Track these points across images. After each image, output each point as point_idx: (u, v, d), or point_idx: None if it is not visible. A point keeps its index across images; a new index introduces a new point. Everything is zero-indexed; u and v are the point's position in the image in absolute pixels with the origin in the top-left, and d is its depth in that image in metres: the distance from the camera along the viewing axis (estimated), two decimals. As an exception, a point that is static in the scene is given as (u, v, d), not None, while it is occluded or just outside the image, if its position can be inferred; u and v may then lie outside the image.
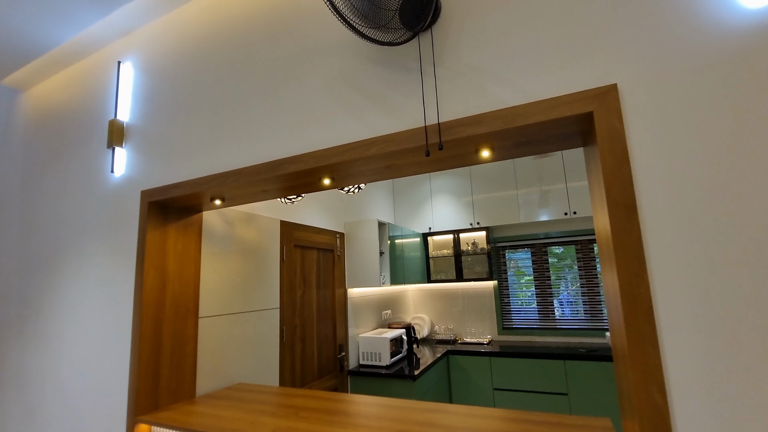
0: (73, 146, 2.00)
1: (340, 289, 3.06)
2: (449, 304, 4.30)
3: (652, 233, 0.83)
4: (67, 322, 1.84)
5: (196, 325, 1.77)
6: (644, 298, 0.81)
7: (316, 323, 2.74)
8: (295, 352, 2.49)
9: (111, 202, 1.78)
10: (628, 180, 0.85)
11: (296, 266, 2.60)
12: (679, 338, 0.79)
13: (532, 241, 4.04)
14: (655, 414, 0.78)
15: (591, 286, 3.82)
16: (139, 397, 1.51)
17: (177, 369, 1.66)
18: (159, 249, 1.64)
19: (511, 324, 4.07)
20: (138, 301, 1.56)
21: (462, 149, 1.10)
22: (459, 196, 4.08)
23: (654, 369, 0.79)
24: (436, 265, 4.30)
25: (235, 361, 1.97)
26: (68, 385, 1.77)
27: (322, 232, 2.92)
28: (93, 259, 1.79)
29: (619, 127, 0.87)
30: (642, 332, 0.80)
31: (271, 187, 1.46)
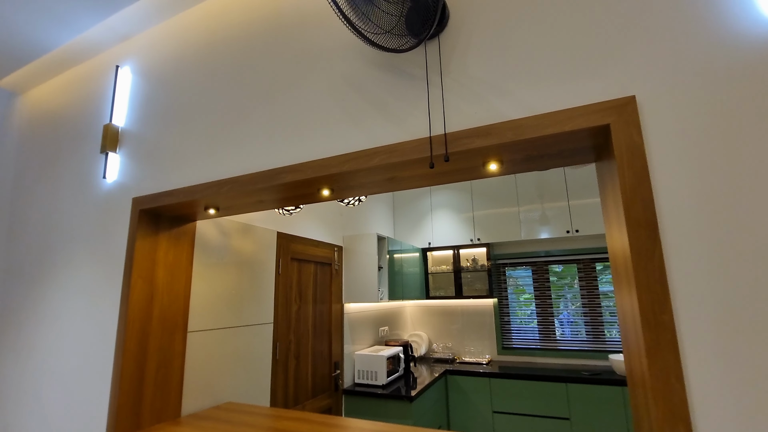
0: (66, 150, 1.95)
1: (336, 304, 2.97)
2: (448, 321, 4.19)
3: (676, 256, 0.77)
4: (50, 333, 1.75)
5: (185, 340, 1.69)
6: (668, 326, 0.74)
7: (312, 339, 2.65)
8: (289, 370, 2.39)
9: (101, 209, 1.72)
10: (648, 197, 0.80)
11: (292, 280, 2.52)
12: (708, 372, 0.72)
13: (533, 258, 3.97)
14: (682, 456, 0.70)
15: (593, 306, 3.74)
16: (120, 417, 1.42)
17: (162, 387, 1.57)
18: (148, 259, 1.57)
19: (511, 344, 3.96)
20: (123, 314, 1.48)
21: (469, 162, 1.05)
22: (460, 211, 4.02)
23: (680, 405, 0.72)
24: (435, 282, 4.21)
25: (225, 379, 1.88)
26: (47, 401, 1.68)
27: (320, 245, 2.85)
28: (80, 267, 1.72)
29: (638, 140, 0.82)
30: (666, 364, 0.73)
31: (267, 197, 1.40)
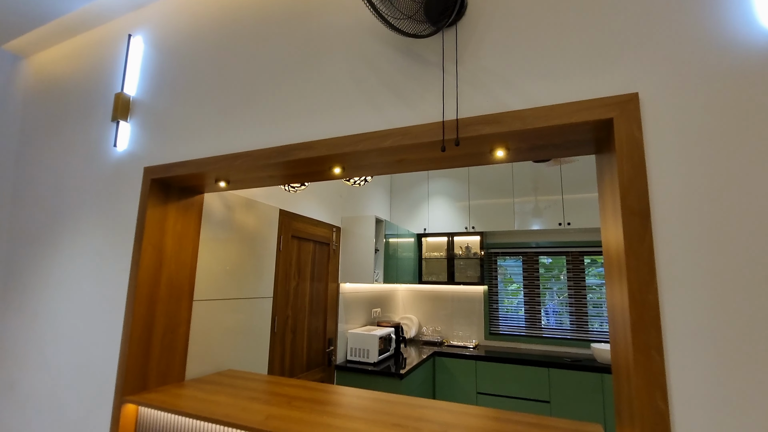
0: (75, 118, 1.96)
1: (333, 283, 3.04)
2: (438, 306, 4.31)
3: (664, 242, 0.84)
4: (57, 295, 1.79)
5: (190, 307, 1.75)
6: (653, 305, 0.82)
7: (308, 316, 2.73)
8: (285, 343, 2.47)
9: (111, 177, 1.75)
10: (643, 189, 0.86)
11: (292, 257, 2.58)
12: (685, 346, 0.80)
13: (524, 249, 4.08)
14: (657, 420, 0.79)
15: (578, 297, 3.87)
16: (128, 377, 1.48)
17: (168, 351, 1.64)
18: (158, 228, 1.61)
19: (498, 330, 4.10)
20: (134, 279, 1.53)
21: (477, 148, 1.11)
22: (456, 199, 4.10)
23: (658, 375, 0.80)
24: (429, 267, 4.31)
25: (226, 347, 1.95)
26: (54, 361, 1.73)
27: (320, 224, 2.91)
28: (88, 233, 1.76)
29: (638, 135, 0.88)
30: (648, 338, 0.82)
31: (279, 172, 1.44)
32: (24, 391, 1.81)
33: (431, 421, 1.25)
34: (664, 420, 0.79)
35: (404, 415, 1.31)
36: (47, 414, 1.70)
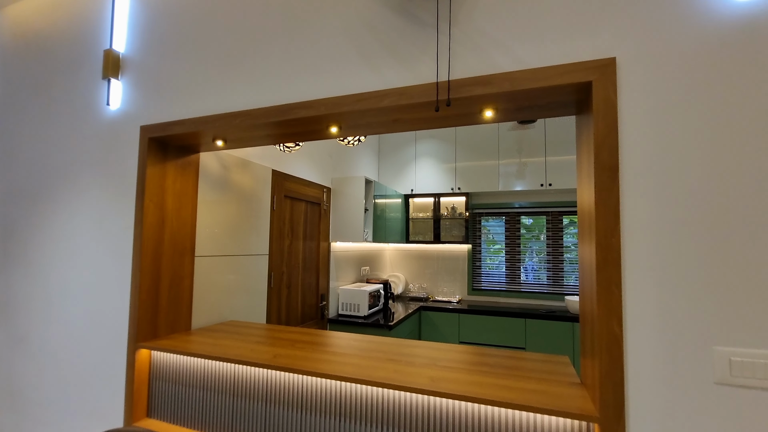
0: (61, 75, 1.92)
1: (324, 242, 3.16)
2: (424, 264, 4.51)
3: (629, 193, 0.96)
4: (61, 251, 1.85)
5: (193, 263, 1.84)
6: (615, 248, 0.96)
7: (301, 272, 2.85)
8: (282, 297, 2.61)
9: (106, 136, 1.76)
10: (614, 146, 0.97)
11: (285, 216, 2.66)
12: (639, 281, 0.95)
13: (507, 209, 4.25)
14: (612, 342, 0.95)
15: (555, 255, 4.11)
16: (140, 326, 1.59)
17: (174, 302, 1.74)
18: (158, 186, 1.66)
19: (480, 286, 4.34)
20: (138, 235, 1.60)
21: (468, 108, 1.19)
22: (443, 161, 4.18)
23: (616, 306, 0.95)
24: (415, 227, 4.46)
25: (227, 301, 2.07)
26: (63, 313, 1.82)
27: (311, 185, 2.97)
28: (86, 191, 1.79)
29: (613, 98, 0.98)
30: (610, 276, 0.96)
31: (277, 131, 1.49)
32: (35, 343, 1.91)
33: (420, 356, 1.42)
34: (618, 342, 0.94)
35: (396, 352, 1.47)
36: (61, 363, 1.81)
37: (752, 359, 0.86)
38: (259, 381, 1.41)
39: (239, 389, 1.44)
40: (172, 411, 1.56)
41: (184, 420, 1.54)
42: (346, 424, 1.27)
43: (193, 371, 1.54)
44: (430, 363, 1.34)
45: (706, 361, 0.89)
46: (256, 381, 1.42)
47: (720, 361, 0.88)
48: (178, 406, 1.55)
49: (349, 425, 1.26)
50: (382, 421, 1.22)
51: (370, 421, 1.24)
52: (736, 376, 0.87)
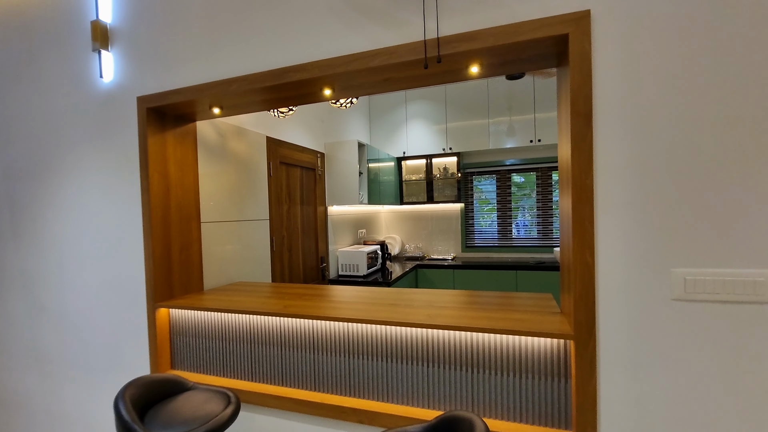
0: (48, 49, 1.92)
1: (321, 206, 3.25)
2: (419, 225, 4.65)
3: (601, 138, 1.06)
4: (69, 224, 1.93)
5: (199, 228, 1.93)
6: (588, 188, 1.07)
7: (301, 236, 2.97)
8: (284, 260, 2.74)
9: (103, 108, 1.79)
10: (589, 95, 1.06)
11: (282, 182, 2.74)
12: (608, 217, 1.06)
13: (498, 167, 4.35)
14: (585, 271, 1.08)
15: (545, 209, 4.26)
16: (157, 288, 1.70)
17: (186, 266, 1.85)
18: (160, 155, 1.72)
19: (474, 243, 4.51)
20: (147, 204, 1.68)
21: (455, 64, 1.25)
22: (434, 122, 4.22)
23: (588, 238, 1.07)
24: (409, 189, 4.56)
25: (234, 264, 2.19)
26: (80, 282, 1.92)
27: (305, 151, 3.03)
28: (90, 164, 1.85)
29: (587, 48, 1.05)
30: (584, 212, 1.07)
31: (272, 96, 1.55)
32: (55, 311, 2.03)
33: (418, 300, 1.56)
34: (590, 270, 1.07)
35: (396, 299, 1.61)
36: (83, 327, 1.94)
37: (703, 277, 1.00)
38: (272, 328, 1.55)
39: (254, 337, 1.59)
40: (194, 361, 1.71)
41: (206, 368, 1.69)
42: (353, 360, 1.42)
43: (211, 325, 1.67)
44: (427, 305, 1.48)
45: (665, 282, 1.03)
46: (269, 329, 1.56)
47: (676, 280, 1.02)
48: (199, 356, 1.70)
49: (356, 361, 1.42)
50: (385, 355, 1.37)
51: (374, 355, 1.39)
52: (690, 292, 1.01)
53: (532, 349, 1.19)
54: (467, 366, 1.27)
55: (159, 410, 1.27)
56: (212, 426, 1.19)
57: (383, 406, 1.37)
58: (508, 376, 1.22)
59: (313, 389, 1.49)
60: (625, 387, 1.07)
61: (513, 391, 1.22)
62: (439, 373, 1.30)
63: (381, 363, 1.38)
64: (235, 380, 1.63)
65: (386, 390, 1.38)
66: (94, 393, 1.93)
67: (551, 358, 1.17)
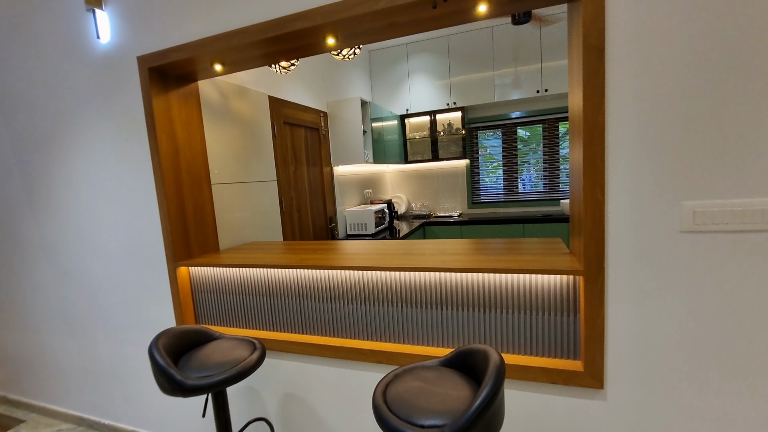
0: (40, 11, 1.86)
1: (327, 167, 3.25)
2: (424, 184, 4.65)
3: (613, 72, 1.04)
4: (84, 190, 1.96)
5: (210, 190, 1.96)
6: (600, 125, 1.06)
7: (309, 198, 3.00)
8: (294, 221, 2.79)
9: (102, 71, 1.77)
10: (601, 28, 1.03)
11: (287, 143, 2.72)
12: (619, 153, 1.07)
13: (503, 121, 4.27)
14: (596, 207, 1.10)
15: (552, 162, 4.22)
16: (175, 248, 1.76)
17: (200, 226, 1.89)
18: (166, 117, 1.72)
19: (480, 199, 4.53)
20: (158, 166, 1.70)
21: (463, 3, 1.21)
22: (437, 77, 4.10)
23: (599, 176, 1.08)
24: (413, 147, 4.51)
25: (246, 225, 2.23)
26: (100, 246, 1.99)
27: (308, 110, 2.99)
28: (97, 129, 1.85)
29: (601, -23, 1.01)
30: (595, 151, 1.08)
31: (273, 48, 1.51)
32: (79, 276, 2.11)
33: (429, 250, 1.60)
34: (600, 207, 1.09)
35: (408, 249, 1.66)
36: (107, 289, 2.02)
37: (712, 209, 1.01)
38: (290, 281, 1.61)
39: (274, 290, 1.65)
40: (217, 315, 1.80)
41: (229, 322, 1.78)
42: (370, 307, 1.49)
43: (231, 281, 1.74)
44: (439, 252, 1.52)
45: (674, 215, 1.05)
46: (287, 282, 1.62)
47: (686, 213, 1.03)
48: (222, 311, 1.78)
49: (373, 308, 1.48)
50: (400, 300, 1.43)
51: (390, 302, 1.45)
52: (699, 224, 1.03)
53: (542, 286, 1.24)
54: (480, 307, 1.32)
55: (190, 357, 1.36)
56: (242, 368, 1.28)
57: (400, 347, 1.45)
58: (519, 313, 1.28)
59: (333, 336, 1.58)
60: (632, 318, 1.12)
61: (524, 328, 1.28)
62: (453, 315, 1.36)
63: (397, 308, 1.45)
64: (257, 331, 1.71)
65: (402, 333, 1.45)
66: (127, 350, 2.05)
67: (561, 294, 1.22)
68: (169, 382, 1.20)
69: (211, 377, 1.22)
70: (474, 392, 1.01)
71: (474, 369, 1.08)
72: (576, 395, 1.22)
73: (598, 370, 1.16)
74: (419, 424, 0.92)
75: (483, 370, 1.00)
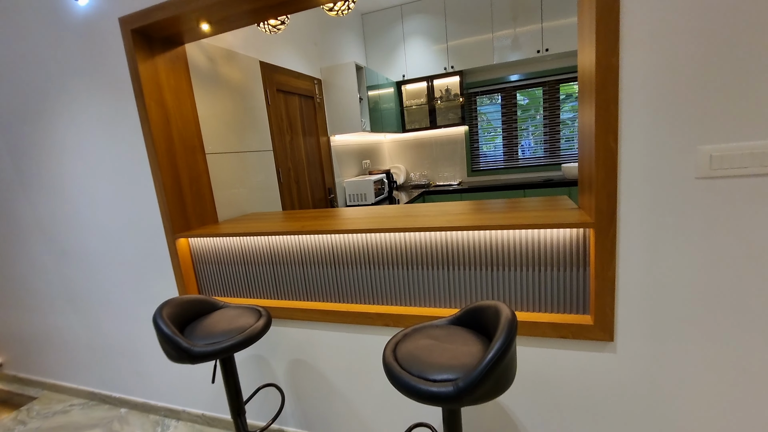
0: (10, -29, 1.74)
1: (323, 137, 3.17)
2: (423, 153, 4.57)
3: (628, 12, 0.98)
4: (76, 165, 1.90)
5: (205, 160, 1.90)
6: (614, 68, 1.00)
7: (307, 168, 2.93)
8: (293, 192, 2.74)
9: (84, 36, 1.67)
10: (617, -41, 0.95)
11: (281, 111, 2.64)
12: (634, 98, 1.01)
13: (502, 84, 4.15)
14: (609, 156, 1.05)
15: (552, 125, 4.14)
16: (174, 219, 1.72)
17: (198, 197, 1.85)
18: (154, 83, 1.64)
19: (479, 166, 4.46)
20: (149, 135, 1.63)
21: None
22: (433, 41, 3.95)
23: (612, 122, 1.03)
24: (411, 116, 4.40)
25: (245, 196, 2.18)
26: (97, 222, 1.94)
27: (301, 77, 2.88)
28: (84, 100, 1.77)
29: None
30: (608, 96, 1.02)
31: (262, 2, 1.42)
32: (78, 253, 2.08)
33: (433, 212, 1.57)
34: (613, 155, 1.05)
35: (410, 212, 1.62)
36: (107, 265, 2.00)
37: (730, 152, 0.97)
38: (293, 248, 1.59)
39: (276, 258, 1.63)
40: (221, 286, 1.78)
41: (232, 292, 1.76)
42: (375, 271, 1.47)
43: (232, 251, 1.71)
44: (442, 214, 1.49)
45: (690, 161, 1.01)
46: (290, 249, 1.59)
47: (702, 158, 0.99)
48: (225, 281, 1.76)
49: (378, 271, 1.46)
50: (406, 263, 1.41)
51: (395, 264, 1.43)
52: (715, 168, 0.99)
53: (551, 242, 1.21)
54: (487, 265, 1.30)
55: (195, 326, 1.34)
56: (248, 335, 1.27)
57: (407, 309, 1.44)
58: (527, 270, 1.26)
59: (338, 302, 1.56)
60: (644, 270, 1.10)
61: (532, 284, 1.27)
62: (459, 275, 1.35)
63: (402, 271, 1.43)
64: (262, 300, 1.70)
65: (409, 295, 1.44)
66: (132, 325, 2.05)
67: (570, 249, 1.20)
68: (175, 350, 1.19)
69: (218, 344, 1.21)
70: (485, 348, 1.00)
71: (484, 325, 1.06)
72: (586, 349, 1.22)
73: (608, 322, 1.15)
74: (431, 378, 0.91)
75: (494, 325, 0.98)
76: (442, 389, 0.86)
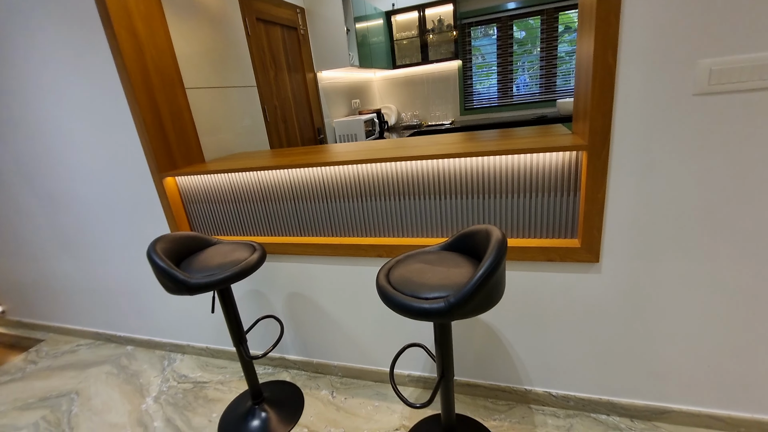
0: None
1: (309, 73, 3.02)
2: (414, 91, 4.40)
3: None
4: (49, 106, 1.80)
5: (185, 95, 1.80)
6: None
7: (294, 107, 2.82)
8: (280, 132, 2.65)
9: (35, -47, 1.50)
10: None
11: (263, 43, 2.47)
12: (635, 10, 0.95)
13: (498, 14, 3.90)
14: (606, 73, 1.02)
15: (549, 59, 3.97)
16: (158, 158, 1.67)
17: (181, 136, 1.78)
18: (122, 8, 1.50)
19: (473, 105, 4.34)
20: (122, 66, 1.53)
21: None
22: (424, -38, 3.63)
23: (612, 36, 0.98)
24: (401, 50, 4.18)
25: (231, 135, 2.11)
26: (79, 164, 1.88)
27: (282, 4, 2.67)
28: (49, 33, 1.63)
29: None
30: (609, 6, 0.96)
31: None
32: (64, 198, 2.04)
33: (424, 143, 1.54)
34: (611, 72, 1.01)
35: (402, 145, 1.59)
36: (95, 209, 1.97)
37: (731, 66, 0.94)
38: (283, 183, 1.57)
39: (267, 195, 1.61)
40: (213, 225, 1.78)
41: (225, 230, 1.77)
42: (367, 203, 1.47)
43: (222, 189, 1.69)
44: (433, 144, 1.46)
45: (688, 76, 0.97)
46: (280, 184, 1.58)
47: (701, 73, 0.96)
48: (217, 219, 1.76)
49: (370, 203, 1.46)
50: (397, 193, 1.41)
51: (386, 195, 1.42)
52: (714, 84, 0.96)
53: (542, 167, 1.20)
54: (478, 193, 1.30)
55: (191, 261, 1.36)
56: (244, 267, 1.29)
57: (400, 240, 1.46)
58: (518, 197, 1.27)
59: (332, 235, 1.58)
60: (634, 191, 1.11)
61: (523, 211, 1.28)
62: (451, 204, 1.35)
63: (394, 202, 1.43)
64: (255, 237, 1.71)
65: (401, 226, 1.46)
66: (128, 266, 2.07)
67: (561, 174, 1.19)
68: (172, 282, 1.21)
69: (214, 275, 1.23)
70: (475, 268, 1.03)
71: (475, 249, 1.09)
72: (572, 270, 1.26)
73: (595, 244, 1.18)
74: (423, 296, 0.94)
75: (484, 246, 1.00)
76: (434, 305, 0.89)
